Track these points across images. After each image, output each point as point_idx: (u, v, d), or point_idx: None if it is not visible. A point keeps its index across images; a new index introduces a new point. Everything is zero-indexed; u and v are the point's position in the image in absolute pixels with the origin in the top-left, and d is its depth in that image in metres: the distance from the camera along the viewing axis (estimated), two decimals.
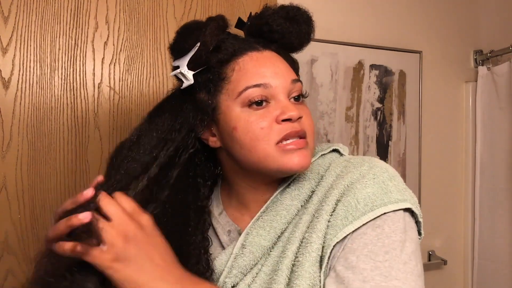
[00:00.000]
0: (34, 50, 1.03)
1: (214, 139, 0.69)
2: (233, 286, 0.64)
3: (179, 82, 0.67)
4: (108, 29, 1.10)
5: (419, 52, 1.59)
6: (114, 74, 1.11)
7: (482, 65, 1.69)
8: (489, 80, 1.64)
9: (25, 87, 1.02)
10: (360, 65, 1.50)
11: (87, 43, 1.08)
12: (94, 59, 1.09)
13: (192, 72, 0.65)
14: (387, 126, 1.55)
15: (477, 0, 1.73)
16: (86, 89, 1.08)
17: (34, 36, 1.03)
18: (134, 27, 1.13)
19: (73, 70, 1.07)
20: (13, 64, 1.01)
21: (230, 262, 0.65)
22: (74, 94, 1.07)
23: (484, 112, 1.66)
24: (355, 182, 0.60)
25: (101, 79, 1.09)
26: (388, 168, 0.63)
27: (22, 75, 1.02)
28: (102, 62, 1.09)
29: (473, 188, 1.69)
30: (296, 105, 0.65)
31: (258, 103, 0.63)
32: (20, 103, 1.02)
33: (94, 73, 1.09)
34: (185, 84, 0.65)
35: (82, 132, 1.07)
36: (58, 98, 1.05)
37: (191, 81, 0.65)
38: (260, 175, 0.67)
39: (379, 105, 1.54)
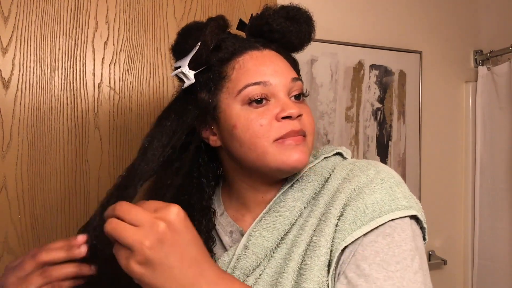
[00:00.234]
0: (34, 50, 1.03)
1: (215, 138, 0.69)
2: None
3: (181, 82, 0.68)
4: (108, 29, 1.10)
5: (419, 52, 1.59)
6: (114, 74, 1.10)
7: (482, 65, 1.69)
8: (489, 80, 1.64)
9: (25, 87, 1.02)
10: (360, 65, 1.50)
11: (87, 43, 1.08)
12: (94, 59, 1.08)
13: (193, 72, 0.65)
14: (387, 126, 1.55)
15: (477, 0, 1.73)
16: (86, 89, 1.08)
17: (34, 36, 1.03)
18: (134, 27, 1.13)
19: (73, 70, 1.06)
20: (13, 64, 1.01)
21: (233, 263, 0.64)
22: (74, 94, 1.06)
23: (484, 112, 1.66)
24: (364, 187, 0.60)
25: (101, 79, 1.09)
26: (394, 173, 0.63)
27: (22, 75, 1.02)
28: (102, 62, 1.09)
29: (473, 188, 1.69)
30: (297, 104, 0.65)
31: (258, 101, 0.63)
32: (20, 103, 1.01)
33: (94, 73, 1.08)
34: (187, 84, 0.66)
35: (82, 132, 1.07)
36: (58, 98, 1.05)
37: (192, 81, 0.65)
38: (260, 175, 0.67)
39: (379, 105, 1.53)
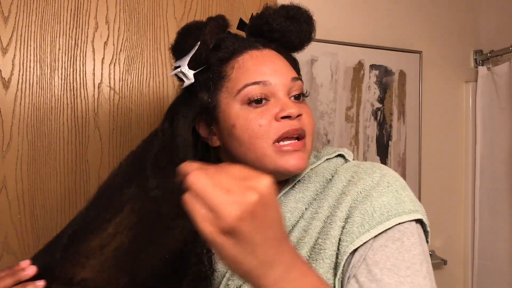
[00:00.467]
0: (34, 50, 1.03)
1: (215, 138, 0.68)
2: None
3: (181, 82, 0.68)
4: (108, 29, 1.10)
5: (419, 52, 1.59)
6: (114, 74, 1.11)
7: (482, 65, 1.68)
8: (489, 80, 1.64)
9: (25, 87, 1.02)
10: (360, 65, 1.50)
11: (87, 43, 1.08)
12: (94, 59, 1.08)
13: (193, 71, 0.65)
14: (387, 126, 1.55)
15: (477, 0, 1.73)
16: (86, 89, 1.08)
17: (34, 36, 1.03)
18: (134, 27, 1.13)
19: (73, 70, 1.07)
20: (13, 64, 1.01)
21: None
22: (74, 94, 1.06)
23: (484, 112, 1.66)
24: (371, 190, 0.60)
25: (101, 79, 1.09)
26: (398, 176, 0.63)
27: (22, 75, 1.02)
28: (102, 62, 1.09)
29: (473, 188, 1.68)
30: (296, 103, 0.65)
31: (258, 101, 0.63)
32: (20, 103, 1.02)
33: (94, 73, 1.08)
34: (186, 83, 0.66)
35: (82, 132, 1.07)
36: (58, 98, 1.05)
37: (192, 80, 0.65)
38: None
39: (379, 105, 1.53)
